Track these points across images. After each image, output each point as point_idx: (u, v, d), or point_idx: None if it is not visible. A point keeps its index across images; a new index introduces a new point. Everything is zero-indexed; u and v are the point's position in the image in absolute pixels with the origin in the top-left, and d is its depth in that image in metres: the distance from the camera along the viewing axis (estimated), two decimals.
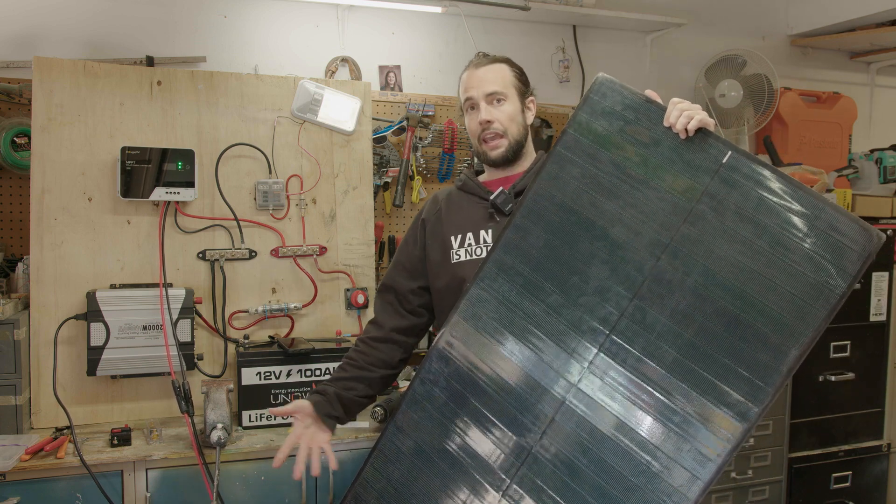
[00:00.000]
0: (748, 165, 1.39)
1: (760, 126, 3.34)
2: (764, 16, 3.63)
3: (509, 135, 1.72)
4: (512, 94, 1.73)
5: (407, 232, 1.90)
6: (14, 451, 1.91)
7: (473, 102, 1.73)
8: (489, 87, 1.71)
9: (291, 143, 2.49)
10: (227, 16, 2.75)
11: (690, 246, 1.40)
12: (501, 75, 1.73)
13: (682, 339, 1.38)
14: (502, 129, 1.71)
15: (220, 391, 2.03)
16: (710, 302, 1.37)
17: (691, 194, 1.42)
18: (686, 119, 1.41)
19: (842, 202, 3.27)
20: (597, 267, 1.47)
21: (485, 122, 1.70)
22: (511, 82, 1.73)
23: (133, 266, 2.30)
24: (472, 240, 1.73)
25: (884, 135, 3.85)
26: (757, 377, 1.34)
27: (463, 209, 1.77)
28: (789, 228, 1.34)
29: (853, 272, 1.30)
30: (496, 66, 1.74)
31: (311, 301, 2.48)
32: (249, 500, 2.07)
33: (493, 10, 2.94)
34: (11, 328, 2.04)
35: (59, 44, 2.51)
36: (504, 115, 1.71)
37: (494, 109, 1.71)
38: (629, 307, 1.43)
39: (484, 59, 1.76)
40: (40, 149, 2.22)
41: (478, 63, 1.75)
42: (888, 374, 2.98)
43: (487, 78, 1.71)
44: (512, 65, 1.77)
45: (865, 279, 2.88)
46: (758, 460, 2.70)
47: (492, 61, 1.75)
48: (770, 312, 1.33)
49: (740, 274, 1.36)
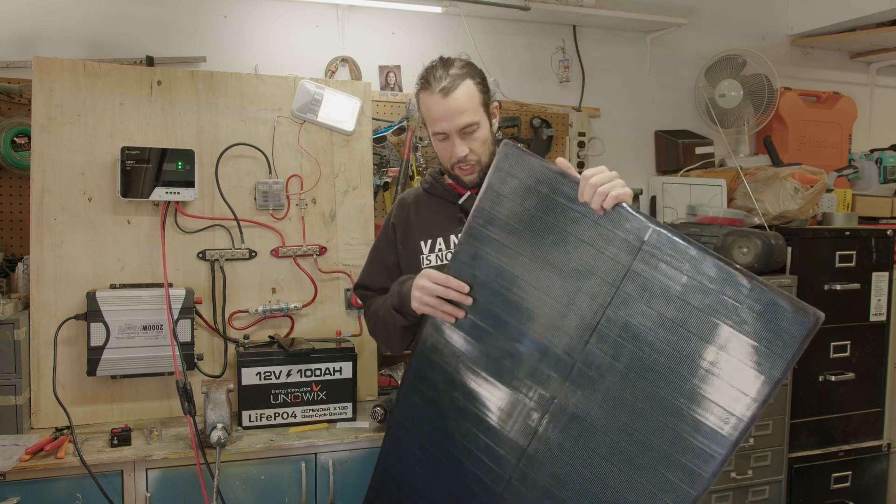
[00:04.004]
0: (672, 242, 1.29)
1: (760, 126, 3.34)
2: (764, 16, 3.63)
3: (482, 159, 1.67)
4: (482, 117, 1.65)
5: (378, 235, 1.89)
6: (14, 451, 1.91)
7: (445, 136, 1.64)
8: (462, 119, 1.61)
9: (291, 143, 2.49)
10: (227, 16, 2.75)
11: (618, 329, 1.34)
12: (470, 100, 1.62)
13: (615, 424, 1.34)
14: (476, 158, 1.66)
15: (220, 391, 2.03)
16: (641, 387, 1.31)
17: (614, 275, 1.34)
18: (601, 197, 1.33)
19: (842, 202, 3.27)
20: (525, 349, 1.44)
21: (460, 158, 1.64)
22: (479, 102, 1.64)
23: (133, 266, 2.30)
24: (442, 244, 1.72)
25: (884, 135, 3.85)
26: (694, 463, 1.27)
27: (432, 213, 1.76)
28: (718, 309, 1.25)
29: (788, 356, 1.19)
30: (463, 87, 1.62)
31: (311, 301, 2.48)
32: (249, 500, 2.07)
33: (493, 10, 2.94)
34: (11, 328, 2.04)
35: (59, 44, 2.51)
36: (478, 143, 1.65)
37: (469, 141, 1.64)
38: (561, 391, 1.40)
39: (447, 78, 1.61)
40: (40, 149, 2.22)
41: (443, 89, 1.61)
42: (888, 374, 2.98)
43: (458, 108, 1.61)
44: (473, 75, 1.65)
45: (865, 279, 2.88)
46: (758, 460, 2.70)
47: (457, 83, 1.61)
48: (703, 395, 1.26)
49: (670, 359, 1.29)
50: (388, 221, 1.85)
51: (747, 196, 2.97)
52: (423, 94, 1.66)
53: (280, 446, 2.10)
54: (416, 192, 1.84)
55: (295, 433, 2.18)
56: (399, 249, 1.81)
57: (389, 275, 1.82)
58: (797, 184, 2.87)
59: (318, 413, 2.26)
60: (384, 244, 1.85)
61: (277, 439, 2.12)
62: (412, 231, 1.78)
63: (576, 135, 3.18)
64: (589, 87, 3.29)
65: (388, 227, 1.85)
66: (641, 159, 3.43)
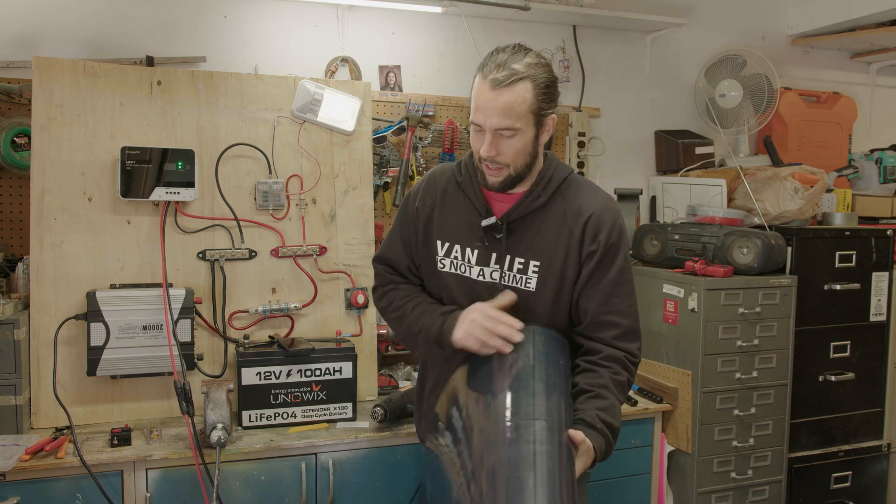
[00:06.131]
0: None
1: (760, 126, 3.34)
2: (764, 16, 3.63)
3: (512, 167, 1.56)
4: (526, 125, 1.51)
5: (402, 207, 1.79)
6: (14, 451, 1.91)
7: (480, 128, 1.54)
8: (500, 121, 1.49)
9: (291, 143, 2.48)
10: (227, 16, 2.75)
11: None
12: (518, 104, 1.49)
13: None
14: (505, 163, 1.56)
15: (220, 391, 2.03)
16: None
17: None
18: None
19: (842, 202, 3.27)
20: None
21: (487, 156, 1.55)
22: (528, 109, 1.50)
23: (133, 266, 2.30)
24: (458, 253, 1.66)
25: (884, 135, 3.85)
26: None
27: (456, 213, 1.67)
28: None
29: None
30: (516, 88, 1.48)
31: (311, 301, 2.48)
32: (249, 500, 2.07)
33: (493, 10, 2.94)
34: (11, 328, 2.04)
35: (59, 44, 2.51)
36: (511, 150, 1.53)
37: (502, 143, 1.52)
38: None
39: (504, 73, 1.48)
40: (40, 149, 2.22)
41: (495, 81, 1.48)
42: (888, 374, 2.98)
43: (501, 107, 1.48)
44: (537, 78, 1.50)
45: (865, 279, 2.88)
46: (758, 460, 2.70)
47: (513, 80, 1.47)
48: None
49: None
50: (414, 197, 1.74)
51: (747, 196, 2.97)
52: (478, 75, 1.53)
53: (280, 446, 2.10)
54: (449, 176, 1.71)
55: (295, 433, 2.18)
56: (420, 237, 1.73)
57: (408, 254, 1.76)
58: (797, 184, 2.87)
59: (318, 413, 2.26)
60: (408, 223, 1.75)
61: (277, 439, 2.12)
62: (432, 225, 1.70)
63: (576, 135, 3.18)
64: (589, 87, 3.29)
65: (412, 207, 1.74)
66: (641, 159, 3.43)
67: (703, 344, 2.56)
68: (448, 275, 1.67)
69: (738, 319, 2.60)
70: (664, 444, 2.64)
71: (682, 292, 2.63)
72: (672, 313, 2.67)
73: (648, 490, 2.61)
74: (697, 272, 2.61)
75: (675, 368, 2.65)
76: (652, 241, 2.86)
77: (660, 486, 2.64)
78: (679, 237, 2.77)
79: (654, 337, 2.76)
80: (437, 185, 1.72)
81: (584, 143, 3.19)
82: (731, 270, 2.61)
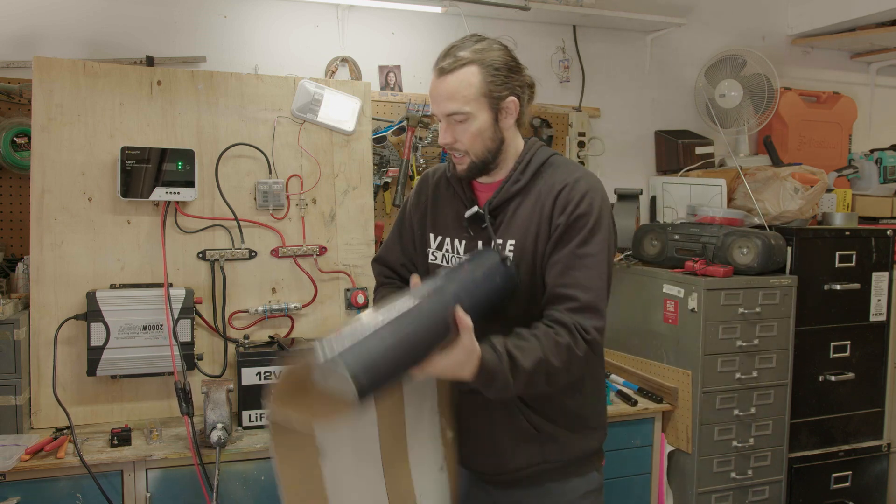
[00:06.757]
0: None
1: (760, 126, 3.34)
2: (764, 16, 3.63)
3: (472, 154, 1.54)
4: (477, 109, 1.50)
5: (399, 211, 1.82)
6: (14, 451, 1.91)
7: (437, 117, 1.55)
8: (448, 105, 1.50)
9: (291, 143, 2.48)
10: (227, 16, 2.75)
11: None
12: (465, 87, 1.48)
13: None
14: (463, 149, 1.55)
15: (220, 391, 2.03)
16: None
17: None
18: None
19: (842, 202, 3.27)
20: None
21: (444, 142, 1.56)
22: (478, 92, 1.49)
23: (133, 266, 2.30)
24: (448, 245, 1.66)
25: (884, 135, 3.85)
26: None
27: (446, 206, 1.68)
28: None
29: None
30: (461, 72, 1.48)
31: (311, 301, 2.48)
32: (249, 500, 2.07)
33: (493, 10, 2.94)
34: (11, 328, 2.04)
35: (59, 44, 2.51)
36: (466, 134, 1.52)
37: (456, 129, 1.52)
38: None
39: (449, 60, 1.50)
40: (40, 149, 2.22)
41: (440, 70, 1.50)
42: (888, 374, 2.98)
43: (448, 93, 1.49)
44: (484, 62, 1.49)
45: (865, 279, 2.88)
46: (758, 460, 2.70)
47: (457, 65, 1.48)
48: None
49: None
50: (411, 197, 1.79)
51: (747, 196, 2.96)
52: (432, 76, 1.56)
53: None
54: (441, 173, 1.73)
55: None
56: (416, 232, 1.74)
57: (405, 253, 1.77)
58: (797, 184, 2.87)
59: None
60: (405, 223, 1.78)
61: None
62: (426, 219, 1.71)
63: (576, 135, 3.18)
64: (589, 87, 3.29)
65: (408, 206, 1.78)
66: (641, 159, 3.43)
67: (703, 344, 2.56)
68: (438, 266, 1.67)
69: (738, 319, 2.60)
70: (664, 444, 2.64)
71: (682, 292, 2.63)
72: (672, 313, 2.67)
73: (648, 490, 2.62)
74: (697, 272, 2.61)
75: (675, 368, 2.65)
76: (652, 241, 2.86)
77: (660, 486, 2.64)
78: (679, 237, 2.77)
79: (654, 337, 2.76)
80: (429, 182, 1.75)
81: (584, 143, 3.19)
82: (731, 270, 2.61)
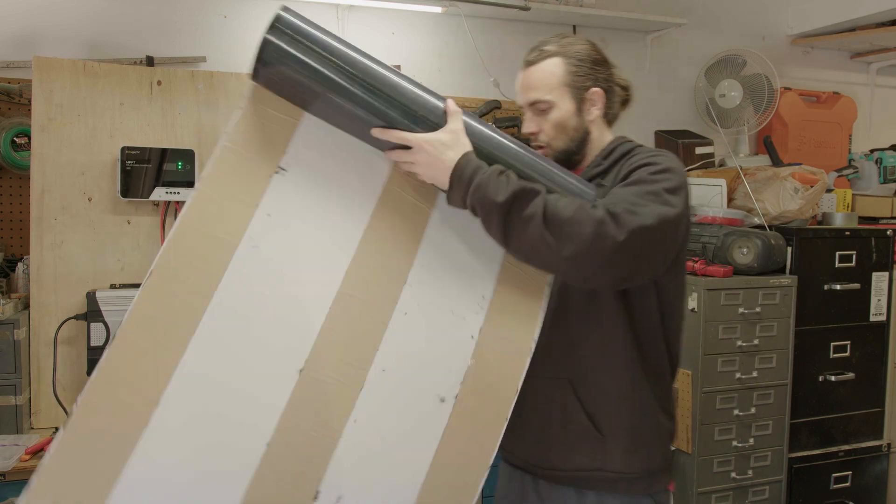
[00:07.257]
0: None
1: (760, 126, 3.34)
2: (764, 16, 3.63)
3: (553, 146, 1.54)
4: (561, 98, 1.52)
5: None
6: (14, 451, 1.91)
7: (523, 108, 1.57)
8: (531, 94, 1.53)
9: None
10: (227, 16, 2.75)
11: None
12: (548, 76, 1.52)
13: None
14: (545, 140, 1.55)
15: None
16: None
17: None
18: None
19: (842, 202, 3.27)
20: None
21: (528, 132, 1.56)
22: (561, 82, 1.52)
23: (133, 266, 2.30)
24: None
25: (884, 135, 3.85)
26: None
27: None
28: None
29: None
30: (545, 64, 1.52)
31: None
32: None
33: (493, 10, 2.94)
34: (11, 328, 2.04)
35: (59, 44, 2.51)
36: (548, 124, 1.53)
37: (539, 119, 1.54)
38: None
39: (535, 54, 1.54)
40: (40, 149, 2.22)
41: (527, 62, 1.55)
42: (888, 374, 2.98)
43: (531, 83, 1.53)
44: (568, 56, 1.53)
45: (865, 279, 2.88)
46: (758, 460, 2.70)
47: (542, 57, 1.53)
48: None
49: None
50: None
51: (747, 196, 2.96)
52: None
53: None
54: None
55: None
56: None
57: None
58: (797, 184, 2.87)
59: None
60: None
61: None
62: None
63: None
64: None
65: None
66: None
67: (703, 344, 2.56)
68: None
69: (738, 319, 2.60)
70: None
71: None
72: None
73: None
74: (697, 272, 2.61)
75: None
76: None
77: None
78: None
79: None
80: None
81: None
82: (731, 270, 2.61)
